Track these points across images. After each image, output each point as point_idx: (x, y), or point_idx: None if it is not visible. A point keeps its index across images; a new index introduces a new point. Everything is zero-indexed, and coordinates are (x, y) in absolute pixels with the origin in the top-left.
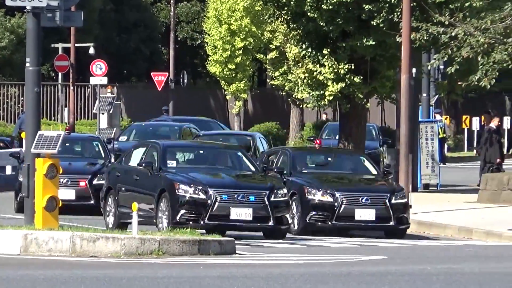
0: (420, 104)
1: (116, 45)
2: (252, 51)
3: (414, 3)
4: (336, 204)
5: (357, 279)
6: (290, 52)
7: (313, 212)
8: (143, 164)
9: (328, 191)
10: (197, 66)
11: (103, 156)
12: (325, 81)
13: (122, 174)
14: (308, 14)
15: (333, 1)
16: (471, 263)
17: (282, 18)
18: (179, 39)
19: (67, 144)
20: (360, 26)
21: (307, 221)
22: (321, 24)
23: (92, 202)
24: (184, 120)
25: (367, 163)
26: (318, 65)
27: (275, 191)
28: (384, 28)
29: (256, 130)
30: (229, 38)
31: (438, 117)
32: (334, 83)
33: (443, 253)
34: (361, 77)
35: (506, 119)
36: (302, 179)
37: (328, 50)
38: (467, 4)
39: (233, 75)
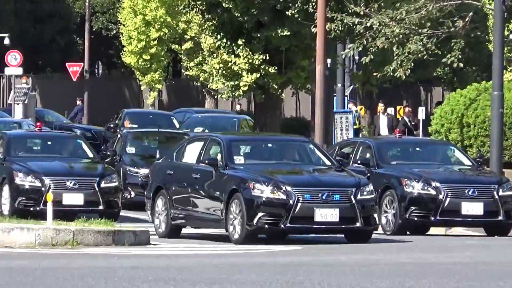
0: (335, 94)
1: (31, 35)
2: (167, 42)
3: None
4: (440, 197)
5: (272, 269)
6: (205, 42)
7: (413, 207)
8: (206, 161)
9: (431, 183)
10: (112, 56)
11: (91, 156)
12: (240, 72)
13: (175, 172)
14: (223, 4)
15: None
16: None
17: (197, 9)
18: (94, 29)
19: (49, 143)
20: (275, 16)
21: (407, 217)
22: (236, 14)
23: (101, 207)
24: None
25: (457, 153)
26: (233, 56)
27: (361, 188)
28: (299, 19)
29: None
30: (144, 28)
31: (353, 107)
32: (249, 73)
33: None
34: (276, 68)
35: (421, 110)
36: (395, 171)
37: (243, 40)
38: None
39: (148, 65)
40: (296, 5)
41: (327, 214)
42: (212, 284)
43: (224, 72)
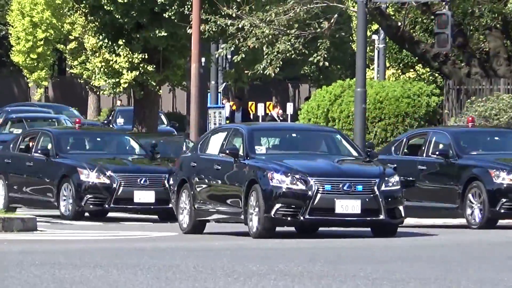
0: (209, 91)
1: None
2: (53, 42)
3: None
4: None
5: (151, 254)
6: (88, 42)
7: (504, 199)
8: (227, 151)
9: None
10: (2, 55)
11: (139, 152)
12: (120, 70)
13: (198, 164)
14: (105, 7)
15: None
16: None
17: (81, 11)
18: None
19: (98, 139)
20: (153, 18)
21: (497, 210)
22: (117, 16)
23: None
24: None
25: None
26: (114, 55)
27: (386, 178)
28: (176, 20)
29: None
30: (31, 29)
31: (225, 103)
32: (129, 71)
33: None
34: (154, 66)
35: (289, 105)
36: (481, 161)
37: (123, 41)
38: None
39: (35, 64)
40: (173, 7)
41: (348, 206)
42: (95, 267)
43: (105, 70)
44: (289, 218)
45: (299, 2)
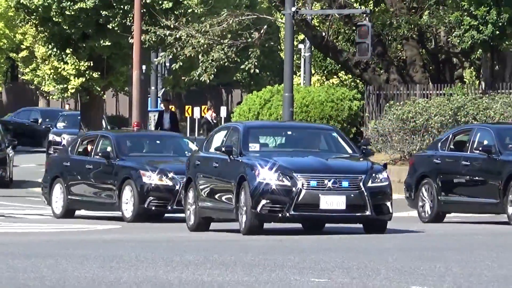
0: (149, 95)
1: None
2: (6, 51)
3: (144, 10)
4: None
5: (97, 245)
6: (38, 51)
7: None
8: (223, 149)
9: None
10: None
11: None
12: (68, 76)
13: (201, 162)
14: (54, 19)
15: (75, 8)
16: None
17: (32, 23)
18: None
19: (157, 142)
20: (98, 29)
21: None
22: (65, 27)
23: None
24: None
25: None
26: (62, 63)
27: (373, 175)
28: (119, 31)
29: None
30: None
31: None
32: (76, 78)
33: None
34: (99, 73)
35: (223, 109)
36: None
37: (71, 50)
38: (190, 10)
39: None
40: (116, 19)
41: (333, 202)
42: (45, 257)
43: (54, 76)
44: (274, 214)
45: (231, 14)
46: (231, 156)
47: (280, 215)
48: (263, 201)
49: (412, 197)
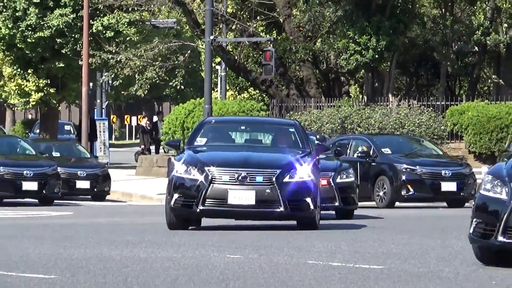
0: (95, 107)
1: None
2: None
3: (91, 38)
4: None
5: (53, 228)
6: (5, 71)
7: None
8: (170, 144)
9: None
10: None
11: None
12: (30, 92)
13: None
14: (18, 45)
15: (35, 36)
16: (129, 217)
17: (0, 48)
18: None
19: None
20: (54, 53)
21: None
22: (27, 52)
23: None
24: None
25: None
26: (25, 81)
27: (292, 170)
28: (71, 55)
29: None
30: None
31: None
32: (36, 93)
33: (110, 209)
34: (55, 89)
35: (155, 118)
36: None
37: (32, 70)
38: (128, 38)
39: None
40: (68, 45)
41: (242, 197)
42: (11, 238)
43: (18, 92)
44: (185, 209)
45: (161, 41)
46: (177, 151)
47: (190, 209)
48: (176, 195)
49: None
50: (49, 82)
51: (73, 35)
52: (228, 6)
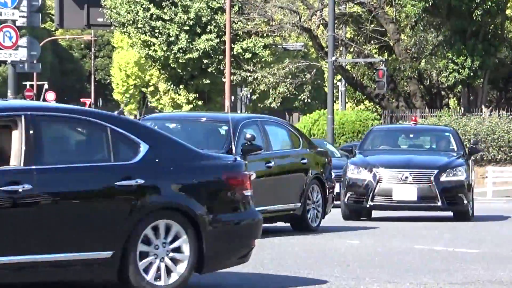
0: None
1: (59, 82)
2: (139, 87)
3: (232, 59)
4: None
5: None
6: (161, 87)
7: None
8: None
9: None
10: (107, 95)
11: (457, 149)
12: (181, 104)
13: None
14: (171, 65)
15: (185, 57)
16: None
17: (156, 67)
18: (96, 79)
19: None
20: (201, 72)
21: None
22: (179, 71)
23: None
24: None
25: None
26: (177, 95)
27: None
28: (215, 73)
29: None
30: (126, 79)
31: None
32: (186, 105)
33: None
34: (202, 102)
35: None
36: None
37: (183, 86)
38: (263, 59)
39: (128, 100)
40: (213, 65)
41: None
42: None
43: (172, 104)
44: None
45: (291, 61)
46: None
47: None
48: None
49: None
50: (197, 96)
51: (217, 57)
52: (347, 32)
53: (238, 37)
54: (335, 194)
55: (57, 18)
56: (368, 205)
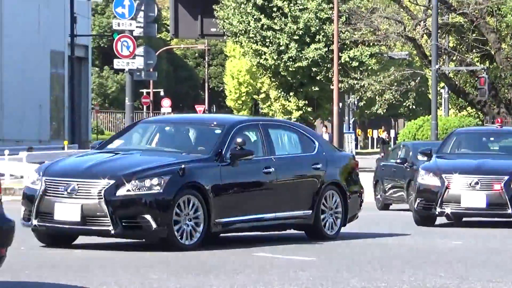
0: (344, 123)
1: (174, 90)
2: (251, 94)
3: (340, 67)
4: None
5: None
6: (272, 94)
7: None
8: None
9: None
10: (221, 101)
11: None
12: (291, 110)
13: None
14: (281, 73)
15: (295, 66)
16: None
17: (267, 76)
18: (210, 87)
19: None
20: (310, 79)
21: None
22: (289, 78)
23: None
24: None
25: None
26: (287, 101)
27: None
28: (324, 81)
29: None
30: (238, 86)
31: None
32: (296, 111)
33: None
34: (312, 108)
35: (392, 131)
36: None
37: (293, 93)
38: (369, 67)
39: (241, 106)
40: (322, 73)
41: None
42: None
43: (282, 110)
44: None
45: (396, 69)
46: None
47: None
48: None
49: None
50: (307, 102)
51: (325, 65)
52: (450, 41)
53: (345, 46)
54: (363, 199)
55: (172, 28)
56: (437, 212)
